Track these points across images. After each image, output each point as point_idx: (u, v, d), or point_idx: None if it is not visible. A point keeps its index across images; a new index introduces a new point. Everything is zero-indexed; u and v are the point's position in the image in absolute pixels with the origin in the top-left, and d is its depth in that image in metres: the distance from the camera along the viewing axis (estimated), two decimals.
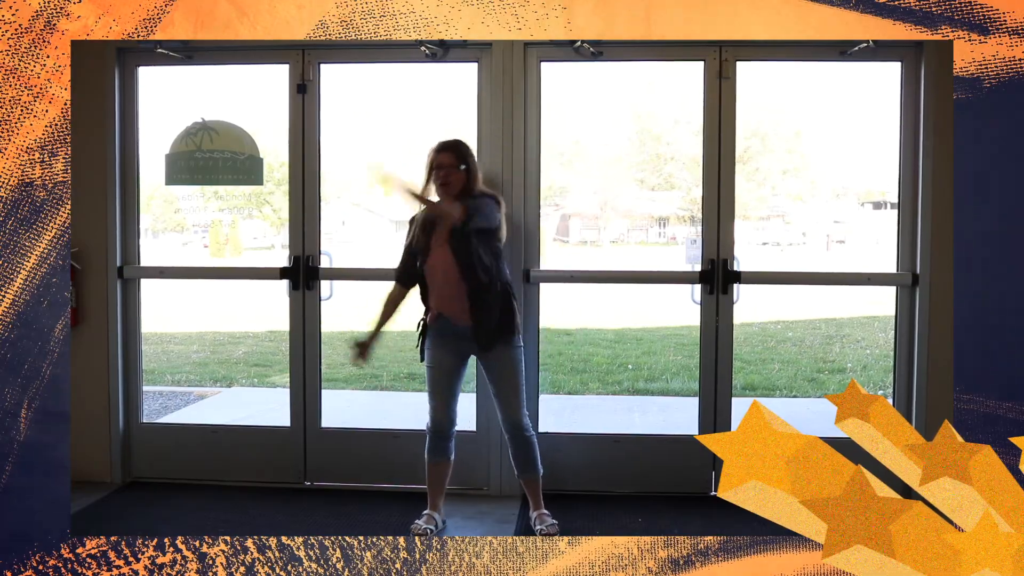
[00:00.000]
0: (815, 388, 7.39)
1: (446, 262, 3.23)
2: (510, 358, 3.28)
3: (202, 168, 3.78)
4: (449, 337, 3.30)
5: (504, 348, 3.26)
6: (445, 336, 3.30)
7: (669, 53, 3.81)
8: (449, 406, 3.34)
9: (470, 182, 3.27)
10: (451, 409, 3.35)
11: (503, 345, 3.26)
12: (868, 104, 8.64)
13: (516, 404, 3.29)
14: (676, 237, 11.40)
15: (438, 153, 3.27)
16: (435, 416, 3.35)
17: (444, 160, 3.25)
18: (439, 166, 3.25)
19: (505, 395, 3.29)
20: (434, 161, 3.27)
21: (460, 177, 3.24)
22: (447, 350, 3.32)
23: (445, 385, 3.33)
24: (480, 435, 3.79)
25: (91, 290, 3.82)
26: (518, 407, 3.29)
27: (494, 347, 3.25)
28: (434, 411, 3.35)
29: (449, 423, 3.35)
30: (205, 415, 6.05)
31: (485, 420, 3.77)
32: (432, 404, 3.36)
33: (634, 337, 9.40)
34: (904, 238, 3.68)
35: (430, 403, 3.37)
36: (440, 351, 3.32)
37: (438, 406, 3.34)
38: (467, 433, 3.71)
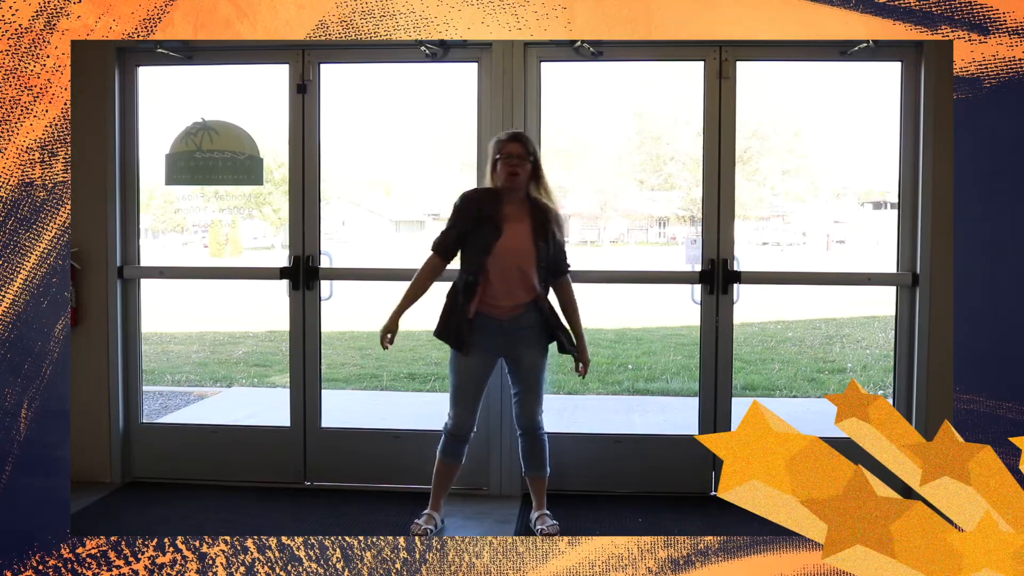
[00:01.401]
0: (815, 388, 7.39)
1: (524, 247, 3.18)
2: (543, 362, 3.29)
3: (202, 168, 3.78)
4: (491, 335, 3.21)
5: (543, 350, 3.27)
6: (485, 334, 3.20)
7: (669, 53, 3.81)
8: (474, 413, 3.30)
9: (538, 177, 3.24)
10: (475, 416, 3.31)
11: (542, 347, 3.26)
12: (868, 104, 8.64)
13: (536, 403, 3.29)
14: (676, 237, 11.40)
15: (507, 143, 3.20)
16: (458, 421, 3.27)
17: (514, 150, 3.18)
18: (508, 155, 3.18)
19: (530, 394, 3.27)
20: (503, 150, 3.19)
21: (528, 169, 3.20)
22: (484, 353, 3.23)
23: (473, 392, 3.26)
24: (480, 435, 3.78)
25: (91, 290, 3.82)
26: (537, 406, 3.30)
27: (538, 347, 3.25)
28: (458, 416, 3.27)
29: (470, 429, 3.30)
30: (205, 415, 6.05)
31: (485, 420, 3.77)
32: (456, 410, 3.27)
33: (634, 337, 9.40)
34: (904, 238, 3.68)
35: (454, 408, 3.28)
36: (476, 355, 3.22)
37: (463, 413, 3.27)
38: None
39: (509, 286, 3.17)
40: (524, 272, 3.18)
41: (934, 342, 3.59)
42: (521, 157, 3.17)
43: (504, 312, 3.19)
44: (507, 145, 3.19)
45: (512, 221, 3.20)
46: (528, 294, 3.20)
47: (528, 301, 3.20)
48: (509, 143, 3.19)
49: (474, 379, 3.25)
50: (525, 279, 3.19)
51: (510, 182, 3.18)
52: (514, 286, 3.18)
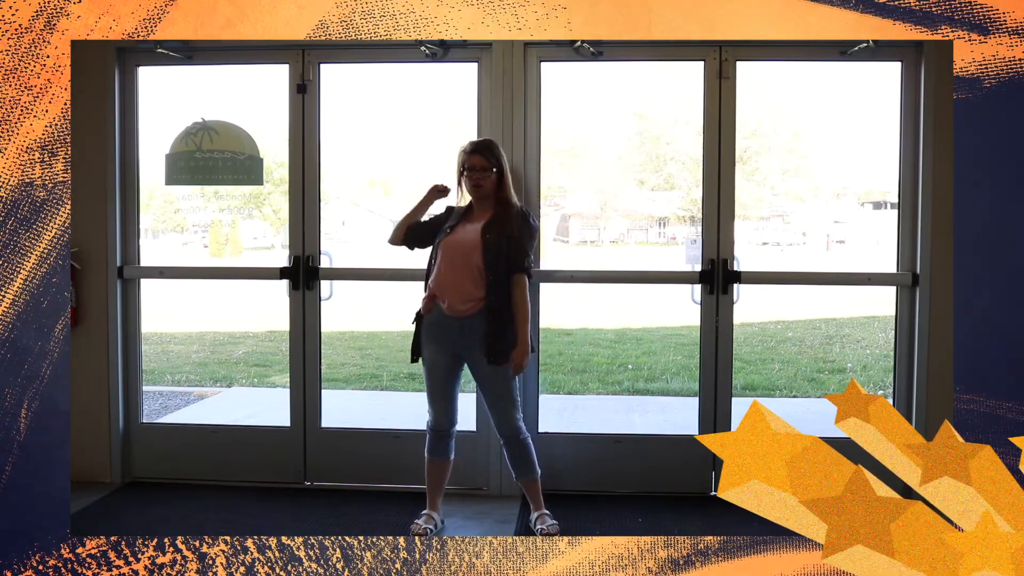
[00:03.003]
0: (815, 388, 7.39)
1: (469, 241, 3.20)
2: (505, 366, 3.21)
3: (202, 168, 3.78)
4: (446, 330, 3.22)
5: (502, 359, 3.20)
6: (441, 328, 3.23)
7: (669, 53, 3.81)
8: (449, 408, 3.32)
9: (502, 184, 3.26)
10: (452, 411, 3.33)
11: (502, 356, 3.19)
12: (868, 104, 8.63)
13: (508, 408, 3.24)
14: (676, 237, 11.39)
15: (470, 155, 3.23)
16: (436, 418, 3.33)
17: (476, 162, 3.22)
18: (471, 167, 3.22)
19: (502, 401, 3.24)
20: (466, 162, 3.24)
21: (493, 180, 3.24)
22: (443, 349, 3.25)
23: (442, 388, 3.29)
24: (480, 435, 3.79)
25: (91, 290, 3.82)
26: (510, 411, 3.25)
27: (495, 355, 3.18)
28: (435, 413, 3.32)
29: (449, 424, 3.34)
30: (205, 415, 6.05)
31: (485, 420, 3.77)
32: (432, 408, 3.33)
33: (634, 337, 9.40)
34: (904, 238, 3.68)
35: (430, 406, 3.34)
36: (434, 349, 3.26)
37: (438, 409, 3.31)
38: (467, 433, 3.72)
39: (456, 278, 3.19)
40: (470, 263, 3.18)
41: (934, 342, 3.59)
42: (484, 169, 3.22)
43: (457, 309, 3.19)
44: (470, 158, 3.24)
45: (471, 222, 3.26)
46: (478, 289, 3.17)
47: (480, 298, 3.18)
48: (472, 155, 3.24)
49: (440, 376, 3.27)
50: (472, 271, 3.18)
51: (475, 194, 3.26)
52: (461, 278, 3.18)
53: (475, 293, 3.18)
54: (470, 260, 3.18)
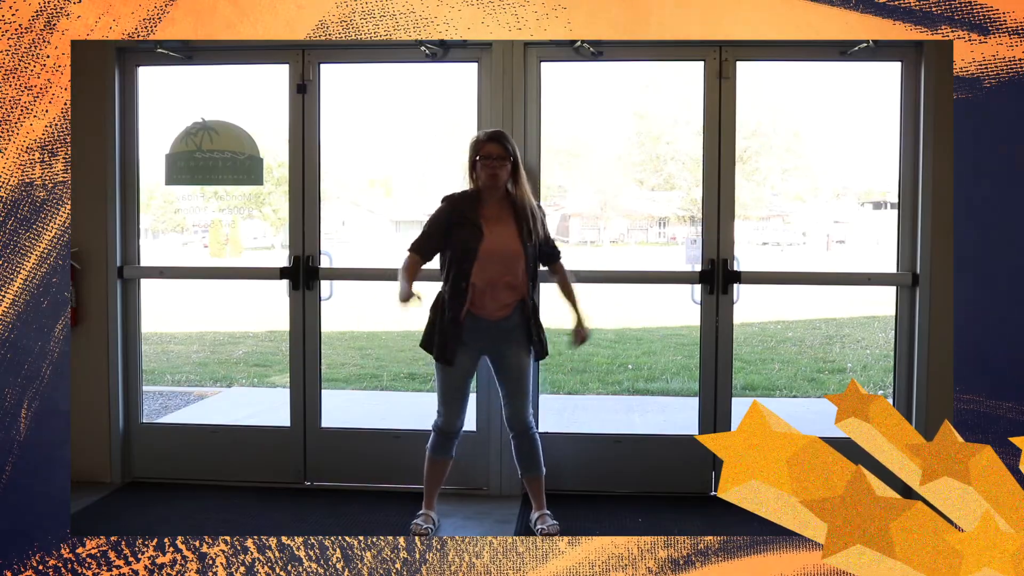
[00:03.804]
0: (815, 388, 7.39)
1: (510, 249, 3.17)
2: (529, 360, 3.28)
3: (202, 168, 3.78)
4: (481, 333, 3.20)
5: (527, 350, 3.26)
6: (476, 333, 3.19)
7: (669, 53, 3.81)
8: (463, 411, 3.31)
9: (516, 175, 3.21)
10: (464, 413, 3.32)
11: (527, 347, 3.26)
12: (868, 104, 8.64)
13: (525, 404, 3.28)
14: (676, 237, 11.39)
15: (486, 143, 3.16)
16: (448, 420, 3.28)
17: (493, 150, 3.15)
18: (487, 155, 3.15)
19: (518, 395, 3.26)
20: (481, 151, 3.17)
21: (508, 169, 3.18)
22: (470, 351, 3.22)
23: (459, 393, 3.27)
24: (480, 435, 3.79)
25: (91, 290, 3.82)
26: (526, 406, 3.28)
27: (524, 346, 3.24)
28: (447, 415, 3.28)
29: (459, 427, 3.33)
30: (205, 415, 6.05)
31: (485, 420, 3.77)
32: (445, 409, 3.28)
33: (634, 337, 9.40)
34: (904, 238, 3.68)
35: (442, 407, 3.29)
36: (464, 352, 3.21)
37: (451, 412, 3.27)
38: (467, 433, 3.71)
39: (496, 289, 3.16)
40: (512, 274, 3.18)
41: (934, 342, 3.59)
42: (501, 158, 3.14)
43: (492, 313, 3.18)
44: (486, 146, 3.16)
45: (494, 223, 3.19)
46: (515, 295, 3.20)
47: (515, 301, 3.21)
48: (488, 143, 3.16)
49: (459, 380, 3.25)
50: (513, 281, 3.18)
51: (490, 183, 3.16)
52: (501, 289, 3.17)
53: (513, 297, 3.19)
54: (511, 268, 3.17)
